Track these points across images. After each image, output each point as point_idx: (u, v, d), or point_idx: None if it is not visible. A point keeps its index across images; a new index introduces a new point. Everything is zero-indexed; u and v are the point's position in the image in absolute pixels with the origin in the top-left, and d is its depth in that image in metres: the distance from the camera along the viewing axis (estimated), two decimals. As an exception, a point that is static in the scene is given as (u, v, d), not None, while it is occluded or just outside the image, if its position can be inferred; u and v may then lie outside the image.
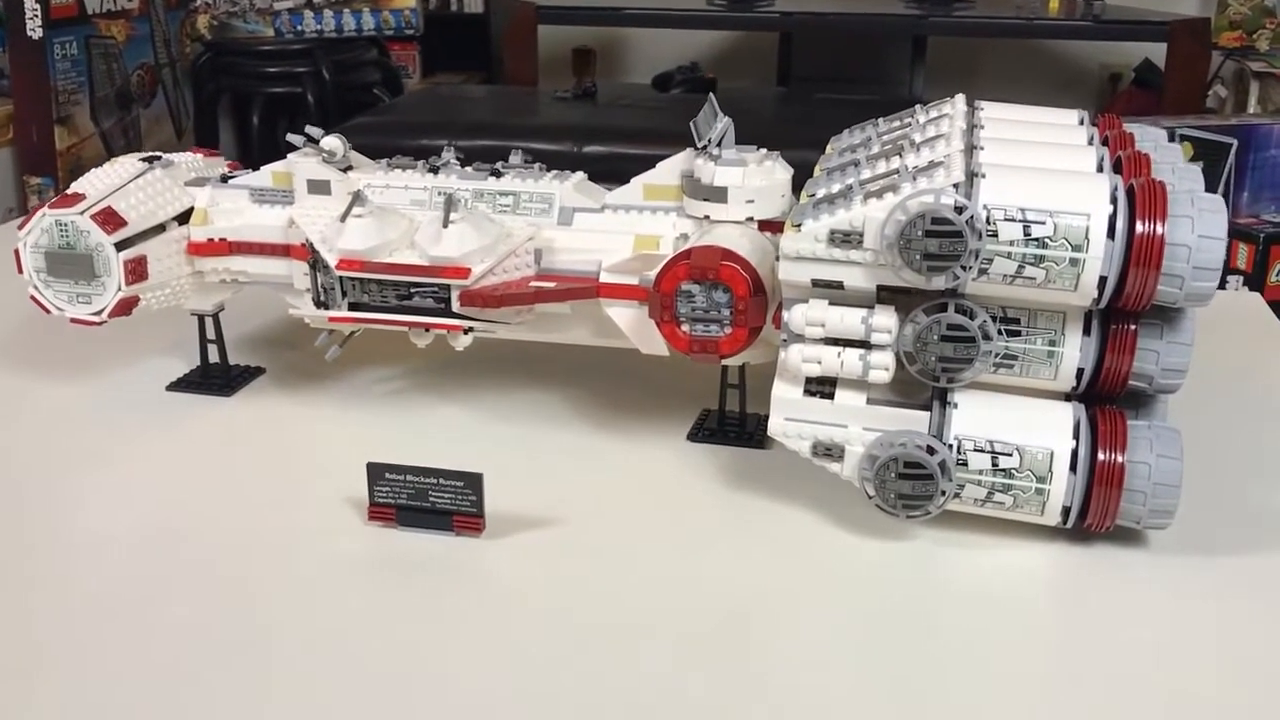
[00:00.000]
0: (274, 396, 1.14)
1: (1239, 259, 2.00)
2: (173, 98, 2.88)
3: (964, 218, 0.78)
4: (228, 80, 3.01)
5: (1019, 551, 0.87)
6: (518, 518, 0.91)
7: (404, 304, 0.99)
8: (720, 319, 0.90)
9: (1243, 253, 2.00)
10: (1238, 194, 2.13)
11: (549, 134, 2.61)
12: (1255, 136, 2.10)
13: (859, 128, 1.06)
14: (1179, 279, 0.78)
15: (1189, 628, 0.80)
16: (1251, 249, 1.99)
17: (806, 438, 0.88)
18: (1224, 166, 2.11)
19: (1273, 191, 2.13)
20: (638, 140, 2.62)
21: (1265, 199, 2.13)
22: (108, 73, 2.61)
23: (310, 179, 1.05)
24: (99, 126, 2.55)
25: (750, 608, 0.83)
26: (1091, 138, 0.94)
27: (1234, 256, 2.01)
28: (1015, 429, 0.84)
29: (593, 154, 2.59)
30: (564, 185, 1.01)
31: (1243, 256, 2.00)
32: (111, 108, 2.60)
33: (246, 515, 0.94)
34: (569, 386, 1.13)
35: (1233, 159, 2.10)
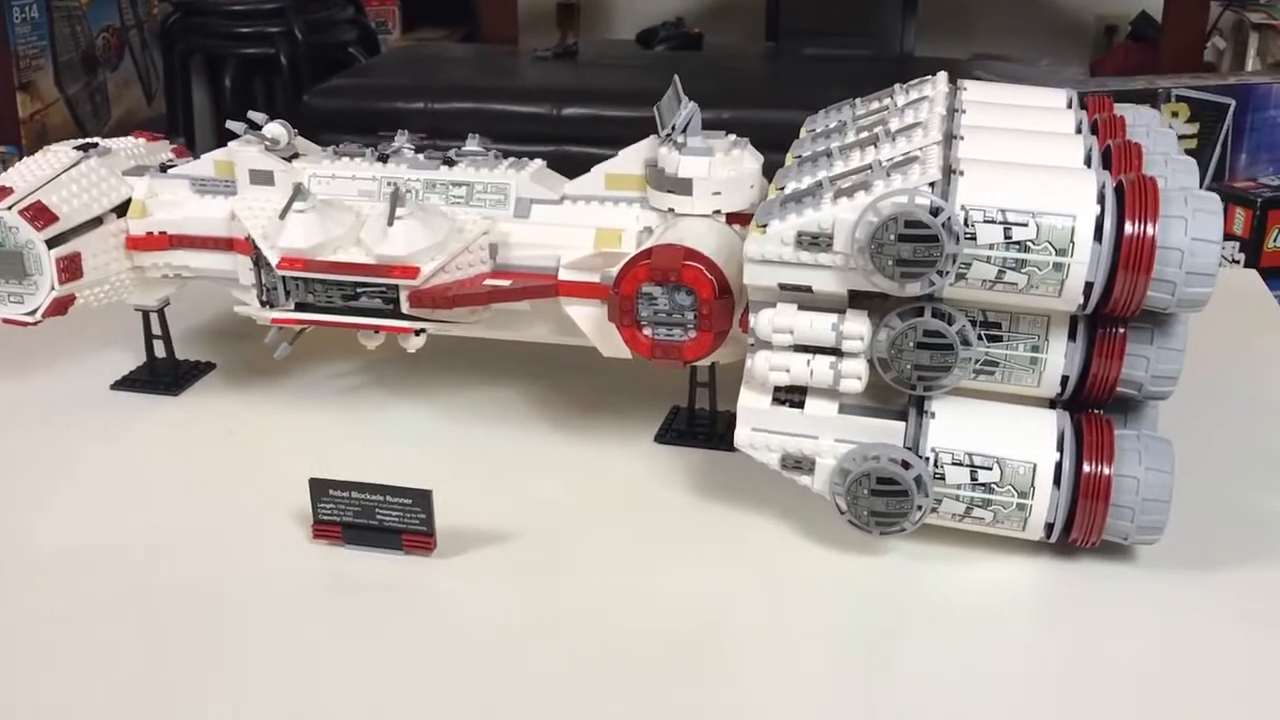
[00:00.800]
0: (223, 395, 1.09)
1: (1235, 224, 1.94)
2: (141, 61, 2.80)
3: (940, 220, 0.73)
4: (198, 41, 2.92)
5: (1000, 567, 0.82)
6: (471, 532, 0.86)
7: (351, 304, 0.93)
8: (684, 322, 0.85)
9: (1239, 218, 1.95)
10: (1235, 156, 2.07)
11: (528, 96, 2.53)
12: (1254, 96, 2.03)
13: (835, 108, 1.00)
14: (1171, 284, 0.73)
15: (1178, 651, 0.75)
16: (1249, 214, 1.93)
17: (775, 450, 0.82)
18: (1221, 128, 2.04)
19: (1271, 153, 2.07)
20: (619, 102, 2.54)
21: (1263, 161, 2.06)
22: (71, 35, 2.53)
23: (252, 169, 0.99)
24: (64, 92, 2.47)
25: (717, 629, 0.78)
26: (1080, 123, 0.88)
27: (1230, 222, 1.95)
28: (995, 440, 0.79)
29: (572, 116, 2.51)
30: (520, 175, 0.96)
31: (1239, 222, 1.94)
32: (76, 72, 2.52)
33: (186, 531, 0.89)
34: (531, 381, 1.08)
35: (1230, 120, 2.04)
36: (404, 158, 0.98)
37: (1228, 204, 1.97)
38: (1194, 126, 2.03)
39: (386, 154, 0.98)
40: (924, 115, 0.88)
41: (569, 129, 2.51)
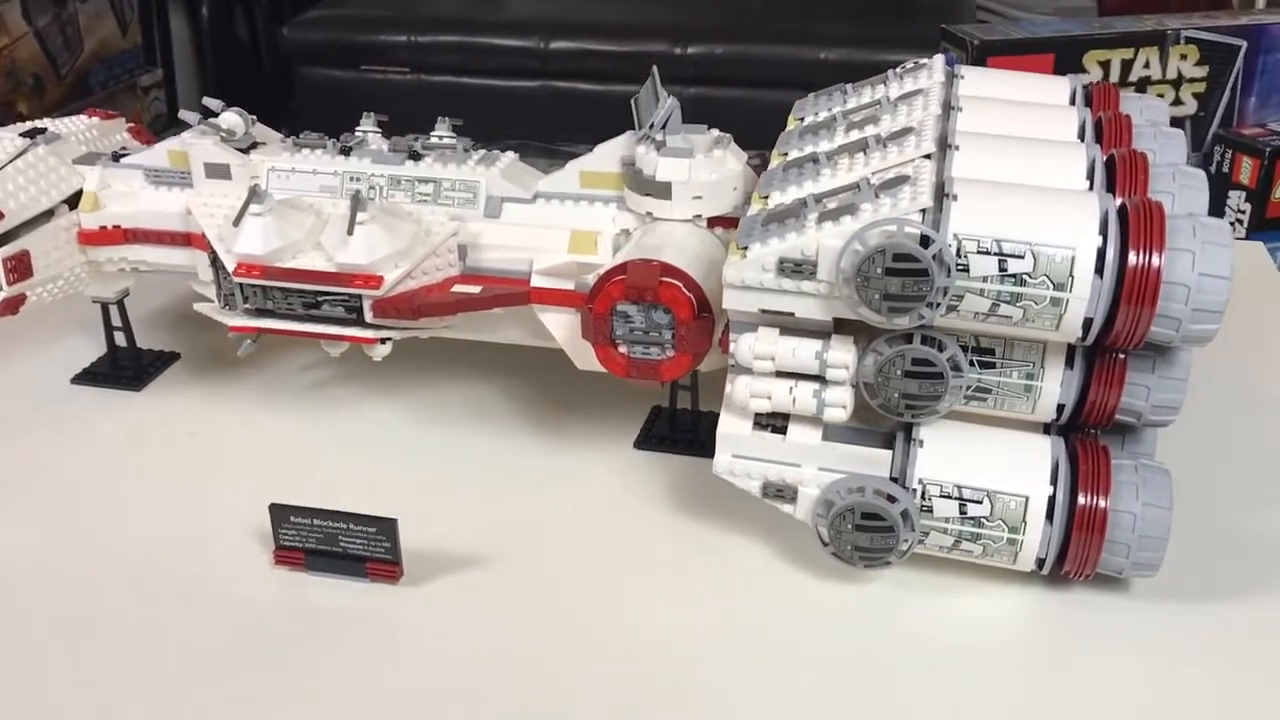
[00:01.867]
0: (187, 390, 1.04)
1: (1242, 174, 1.88)
2: (114, -12, 2.69)
3: (930, 252, 0.68)
4: (174, -34, 2.81)
5: (988, 597, 0.79)
6: (440, 555, 0.83)
7: (313, 313, 0.89)
8: (661, 341, 0.80)
9: (1246, 167, 1.88)
10: (1244, 100, 2.00)
11: (515, 29, 2.44)
12: (1265, 38, 1.95)
13: (826, 95, 0.94)
14: (1175, 321, 0.69)
15: (1166, 694, 0.72)
16: (1256, 163, 1.87)
17: (756, 477, 0.79)
18: (1231, 71, 1.97)
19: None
20: (609, 35, 2.46)
21: (1273, 105, 1.99)
22: (39, -36, 2.43)
23: (208, 162, 0.93)
24: (32, 25, 2.38)
25: (695, 665, 0.75)
26: (1083, 124, 0.83)
27: (1237, 170, 1.89)
28: (986, 472, 0.75)
29: (561, 50, 2.43)
30: (491, 172, 0.90)
31: (1246, 171, 1.87)
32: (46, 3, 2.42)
33: (142, 547, 0.86)
34: (508, 378, 1.04)
35: (1241, 62, 1.96)
36: (367, 151, 0.93)
37: (1235, 153, 1.91)
38: (1203, 69, 1.96)
39: (349, 146, 0.93)
40: (917, 116, 0.83)
41: (556, 64, 2.44)
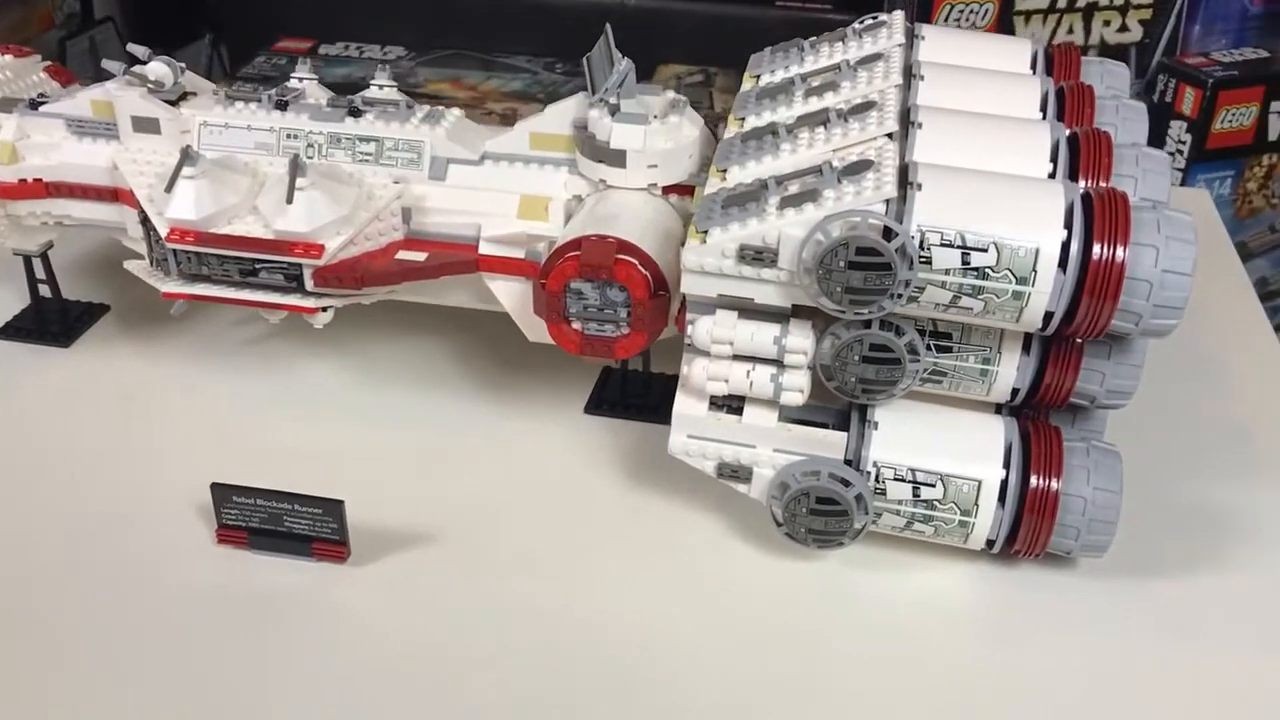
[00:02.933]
0: (118, 347, 1.01)
1: (1185, 104, 1.88)
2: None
3: (894, 245, 0.66)
4: None
5: (937, 574, 0.79)
6: (388, 530, 0.81)
7: (250, 280, 0.85)
8: (616, 319, 0.78)
9: (1189, 97, 1.88)
10: (1189, 26, 1.99)
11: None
12: (1213, -36, 1.94)
13: (783, 51, 0.91)
14: (1136, 316, 0.68)
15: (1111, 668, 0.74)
16: (1198, 94, 1.87)
17: (711, 458, 0.78)
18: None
19: (1226, 24, 1.99)
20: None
21: (1218, 33, 1.98)
22: None
23: (135, 116, 0.88)
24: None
25: (646, 639, 0.75)
26: (1046, 95, 0.81)
27: (1180, 101, 1.89)
28: (940, 455, 0.75)
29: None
30: (436, 131, 0.86)
31: (1189, 102, 1.87)
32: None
33: (76, 519, 0.83)
34: (457, 334, 1.01)
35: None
36: (305, 106, 0.88)
37: (1178, 83, 1.90)
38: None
39: (285, 100, 0.88)
40: (879, 85, 0.80)
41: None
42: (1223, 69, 1.89)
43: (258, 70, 2.13)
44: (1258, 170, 1.97)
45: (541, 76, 2.10)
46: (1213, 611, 0.77)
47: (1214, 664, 0.74)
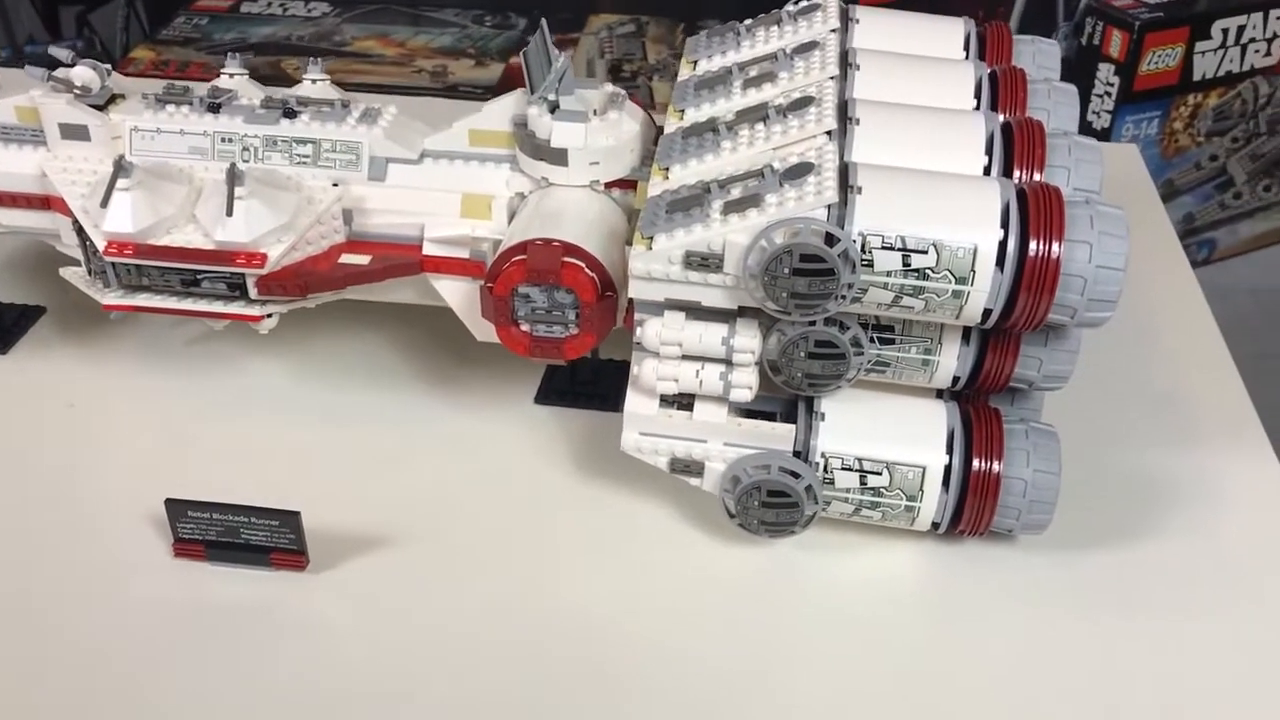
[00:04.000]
0: (58, 352, 0.99)
1: (1112, 47, 1.90)
2: None
3: (837, 251, 0.68)
4: None
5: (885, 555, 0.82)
6: (345, 534, 0.82)
7: (192, 289, 0.84)
8: (564, 320, 0.79)
9: (1116, 40, 1.90)
10: (1115, -34, 2.00)
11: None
12: (1137, -97, 1.95)
13: (719, 36, 0.92)
14: (1071, 309, 0.70)
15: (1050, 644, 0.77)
16: (1125, 36, 1.89)
17: (663, 454, 0.79)
18: (1105, -65, 1.96)
19: (1150, -35, 2.00)
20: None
21: (1142, -27, 2.00)
22: None
23: (63, 123, 0.86)
24: None
25: (606, 634, 0.77)
26: (980, 81, 0.82)
27: (1107, 43, 1.91)
28: (885, 444, 0.77)
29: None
30: (374, 131, 0.86)
31: (1116, 45, 1.90)
32: None
33: (24, 535, 0.82)
34: (401, 328, 1.01)
35: (1115, -74, 1.96)
36: (238, 108, 0.87)
37: (1105, 25, 1.92)
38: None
39: (218, 103, 0.87)
40: (815, 77, 0.81)
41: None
42: (1149, 11, 1.92)
43: (178, 32, 2.08)
44: (1183, 110, 2.00)
45: (471, 31, 2.06)
46: (1150, 579, 0.81)
47: (1155, 631, 0.77)
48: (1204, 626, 0.78)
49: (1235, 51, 1.97)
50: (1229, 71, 1.98)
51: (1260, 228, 2.25)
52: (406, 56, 2.05)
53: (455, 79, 1.95)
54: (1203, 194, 2.14)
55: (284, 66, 2.00)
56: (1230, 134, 2.08)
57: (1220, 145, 2.09)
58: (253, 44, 2.08)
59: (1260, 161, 2.15)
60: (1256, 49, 1.99)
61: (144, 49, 2.05)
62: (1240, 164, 2.13)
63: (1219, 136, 2.08)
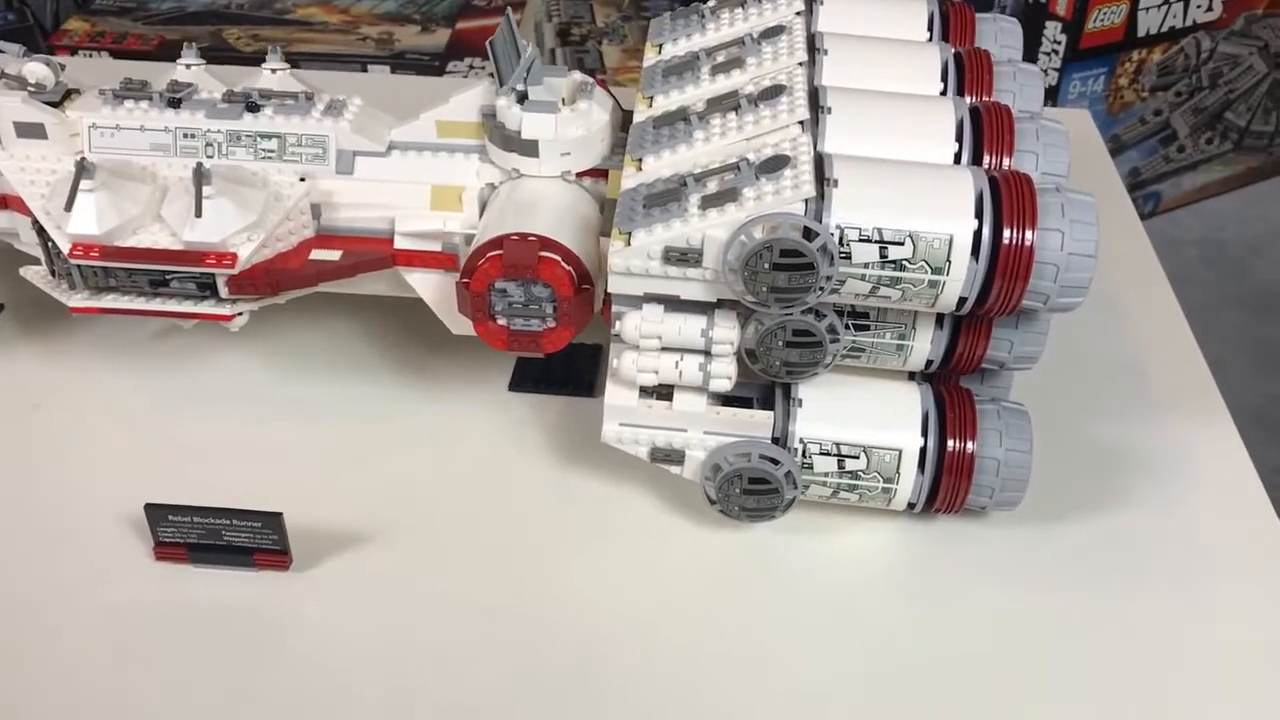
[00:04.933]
0: (18, 349, 0.98)
1: (1058, 5, 1.92)
2: None
3: (816, 245, 0.68)
4: None
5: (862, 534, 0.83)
6: (326, 532, 0.82)
7: (160, 290, 0.83)
8: (542, 314, 0.79)
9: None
10: (1060, -76, 2.01)
11: None
12: None
13: (683, 19, 0.91)
14: (1044, 296, 0.72)
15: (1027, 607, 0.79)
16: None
17: (644, 444, 0.80)
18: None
19: (1095, -79, 2.01)
20: None
21: (1087, -70, 2.01)
22: None
23: (18, 121, 0.84)
24: None
25: (592, 625, 0.78)
26: (946, 64, 0.83)
27: (1054, 1, 1.93)
28: (862, 428, 0.78)
29: None
30: (340, 124, 0.85)
31: (1062, 2, 1.91)
32: None
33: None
34: (370, 316, 1.00)
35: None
36: (200, 103, 0.85)
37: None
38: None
39: (178, 97, 0.85)
40: (784, 63, 0.81)
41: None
42: (1094, -32, 1.93)
43: (112, 1, 2.03)
44: (1129, 66, 2.03)
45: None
46: (1121, 551, 0.83)
47: (1129, 600, 0.80)
48: (1176, 594, 0.80)
49: (1179, 7, 1.99)
50: (1172, 27, 2.01)
51: (1202, 179, 2.29)
52: (350, 23, 2.01)
53: (402, 45, 1.93)
54: (1148, 148, 2.17)
55: (225, 36, 1.96)
56: (1174, 88, 2.11)
57: (1164, 100, 2.12)
58: (191, 12, 2.04)
59: (1202, 115, 2.18)
60: (1199, 4, 2.02)
61: (77, 20, 1.99)
62: (1183, 118, 2.17)
63: (1163, 91, 2.11)
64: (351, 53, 1.92)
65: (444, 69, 1.88)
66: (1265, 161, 2.33)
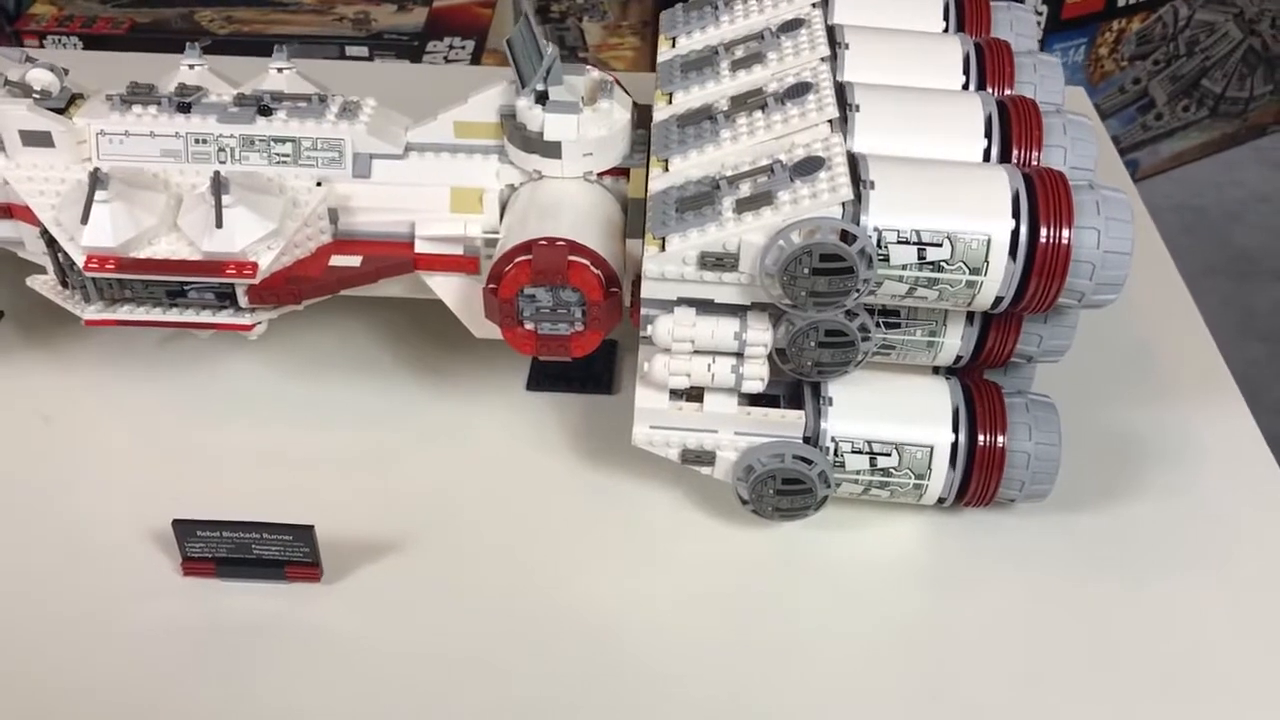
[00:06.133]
0: (24, 359, 0.96)
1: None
2: None
3: (855, 249, 0.68)
4: None
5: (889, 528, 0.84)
6: (352, 541, 0.81)
7: (177, 300, 0.82)
8: (570, 318, 0.78)
9: (1044, -31, 1.92)
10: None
11: None
12: None
13: (696, 10, 0.90)
14: (1079, 294, 0.72)
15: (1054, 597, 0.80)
16: (1053, -34, 1.91)
17: (674, 445, 0.80)
18: None
19: (1073, -110, 2.01)
20: None
21: (1065, -101, 2.01)
22: None
23: (23, 130, 0.82)
24: None
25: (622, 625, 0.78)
26: (967, 56, 0.82)
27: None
28: (893, 424, 0.78)
29: None
30: (355, 127, 0.83)
31: (1044, -27, 1.91)
32: None
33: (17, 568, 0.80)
34: (384, 314, 0.99)
35: None
36: (210, 107, 0.83)
37: (1034, -45, 1.93)
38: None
39: (188, 101, 0.83)
40: (805, 55, 0.81)
41: None
42: (1075, -62, 1.93)
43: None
44: (1108, 36, 2.03)
45: (390, -29, 2.00)
46: (1145, 535, 0.84)
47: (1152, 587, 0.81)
48: (1203, 577, 0.81)
49: (1158, -25, 2.00)
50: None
51: (1179, 146, 2.31)
52: (326, 3, 1.97)
53: (379, 26, 1.90)
54: (1127, 116, 2.18)
55: (198, 19, 1.92)
56: (1152, 57, 2.12)
57: (1142, 69, 2.13)
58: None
59: (1180, 82, 2.20)
60: (1177, -28, 2.02)
61: (43, 3, 1.95)
62: (1161, 86, 2.18)
63: (1141, 60, 2.12)
64: (329, 34, 1.89)
65: (424, 49, 1.85)
66: (1240, 127, 2.35)
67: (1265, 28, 2.22)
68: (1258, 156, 2.36)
